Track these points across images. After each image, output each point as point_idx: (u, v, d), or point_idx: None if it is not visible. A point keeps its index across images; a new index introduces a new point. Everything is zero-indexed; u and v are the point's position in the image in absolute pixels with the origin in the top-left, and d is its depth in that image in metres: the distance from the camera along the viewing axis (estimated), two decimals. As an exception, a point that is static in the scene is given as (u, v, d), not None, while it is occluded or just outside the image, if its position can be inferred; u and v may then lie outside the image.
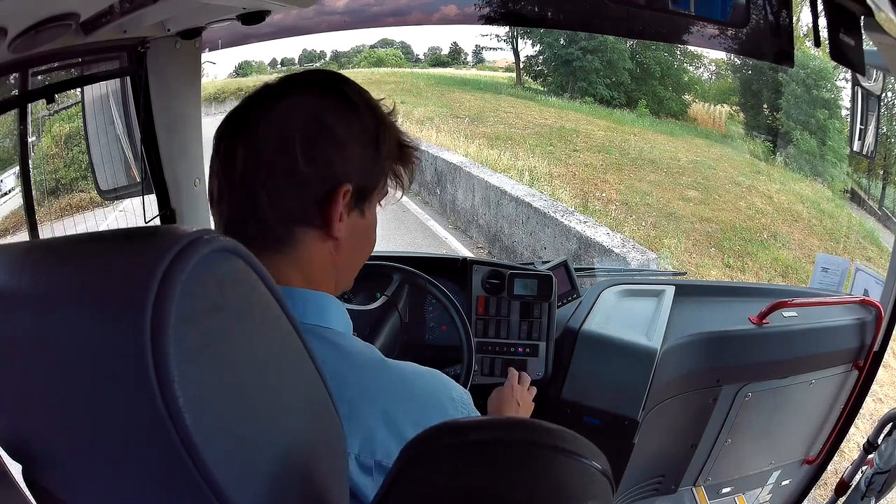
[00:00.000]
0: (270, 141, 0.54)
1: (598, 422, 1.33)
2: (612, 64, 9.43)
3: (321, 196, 0.54)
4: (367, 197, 0.58)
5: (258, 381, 0.28)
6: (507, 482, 0.28)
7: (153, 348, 0.24)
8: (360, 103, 0.57)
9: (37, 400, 0.27)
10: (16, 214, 3.13)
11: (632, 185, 7.21)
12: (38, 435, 0.28)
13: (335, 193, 0.54)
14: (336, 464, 0.35)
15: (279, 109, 0.55)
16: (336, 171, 0.55)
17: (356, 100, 0.57)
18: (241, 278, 0.29)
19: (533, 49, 10.37)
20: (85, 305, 0.25)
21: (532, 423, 0.30)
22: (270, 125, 0.54)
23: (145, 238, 0.27)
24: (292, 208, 0.54)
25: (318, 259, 0.56)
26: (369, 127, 0.57)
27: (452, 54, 11.31)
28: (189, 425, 0.24)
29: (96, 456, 0.27)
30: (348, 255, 0.59)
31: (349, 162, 0.55)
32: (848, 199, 6.95)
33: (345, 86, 0.58)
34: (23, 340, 0.26)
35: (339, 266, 0.59)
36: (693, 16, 0.94)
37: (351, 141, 0.56)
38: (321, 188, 0.54)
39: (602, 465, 0.30)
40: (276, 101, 0.55)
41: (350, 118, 0.56)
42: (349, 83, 0.59)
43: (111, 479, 0.27)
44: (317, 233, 0.55)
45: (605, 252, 4.62)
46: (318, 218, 0.55)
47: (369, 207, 0.59)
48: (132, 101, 1.33)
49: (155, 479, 0.26)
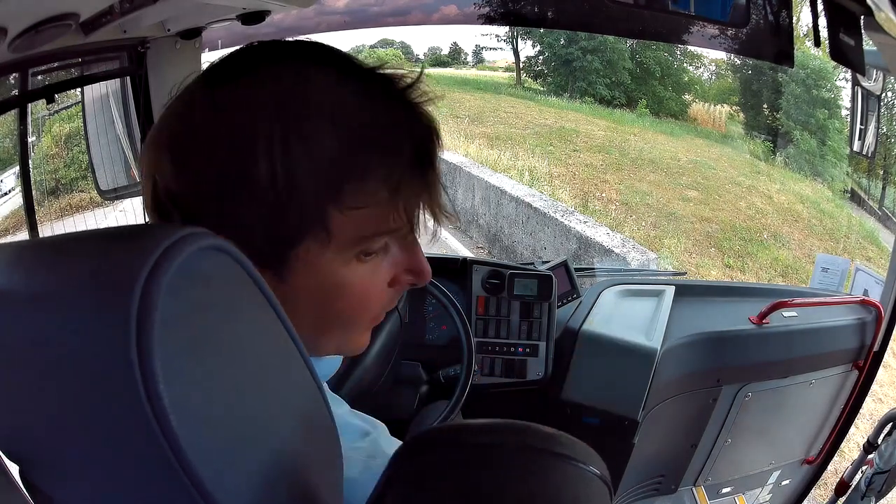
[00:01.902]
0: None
1: (597, 422, 1.33)
2: (612, 64, 9.43)
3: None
4: (276, 259, 0.40)
5: (247, 382, 0.28)
6: (500, 487, 0.27)
7: (138, 347, 0.23)
8: (204, 117, 0.39)
9: (27, 400, 0.27)
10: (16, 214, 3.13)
11: (632, 185, 7.21)
12: (30, 436, 0.28)
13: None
14: (329, 465, 0.35)
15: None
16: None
17: (199, 115, 0.39)
18: (229, 276, 0.28)
19: (533, 49, 10.38)
20: (72, 305, 0.25)
21: (527, 427, 0.29)
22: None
23: (132, 236, 0.27)
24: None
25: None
26: (220, 161, 0.39)
27: (452, 54, 11.30)
28: (174, 425, 0.24)
29: (85, 457, 0.27)
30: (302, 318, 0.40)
31: (202, 218, 0.39)
32: (848, 199, 6.95)
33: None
34: (15, 340, 0.26)
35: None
36: (693, 16, 0.94)
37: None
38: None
39: (600, 470, 0.29)
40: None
41: (194, 152, 0.39)
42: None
43: (100, 480, 0.27)
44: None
45: (605, 252, 4.62)
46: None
47: (297, 270, 0.40)
48: (132, 101, 1.33)
49: (142, 481, 0.26)
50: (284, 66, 0.40)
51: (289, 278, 0.40)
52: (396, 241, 0.43)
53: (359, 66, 0.42)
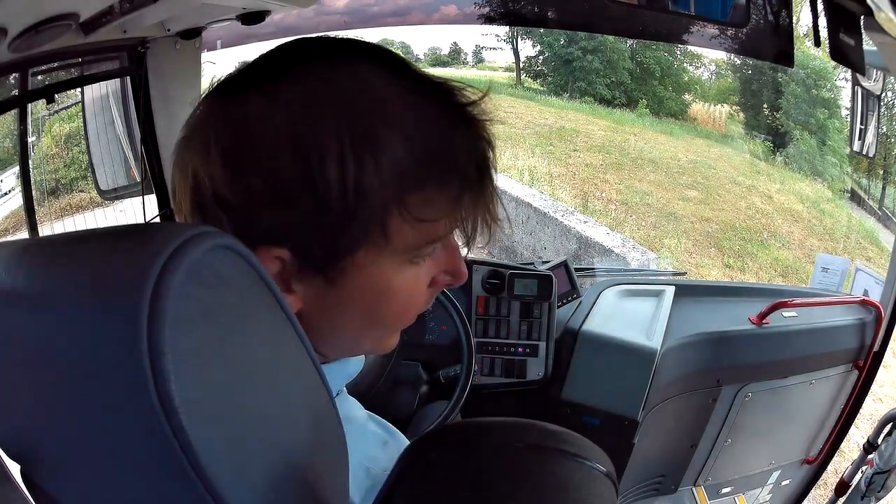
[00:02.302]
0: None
1: (597, 422, 1.33)
2: (612, 64, 9.42)
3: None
4: (330, 264, 0.39)
5: (256, 382, 0.28)
6: (508, 484, 0.27)
7: (149, 347, 0.23)
8: (266, 123, 0.37)
9: (31, 400, 0.27)
10: (16, 214, 3.13)
11: (632, 184, 7.20)
12: (33, 435, 0.28)
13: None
14: (336, 468, 0.35)
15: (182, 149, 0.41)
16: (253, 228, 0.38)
17: (257, 123, 0.37)
18: (240, 276, 0.28)
19: (533, 49, 10.37)
20: (80, 304, 0.25)
21: (533, 425, 0.30)
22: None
23: (141, 235, 0.27)
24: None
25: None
26: (285, 169, 0.36)
27: (452, 54, 11.28)
28: (185, 426, 0.24)
29: (91, 457, 0.27)
30: (320, 330, 0.41)
31: (259, 222, 0.37)
32: (848, 199, 6.95)
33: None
34: (19, 339, 0.26)
35: (312, 341, 0.38)
36: (693, 16, 0.94)
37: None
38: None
39: (606, 468, 0.30)
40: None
41: (247, 158, 0.37)
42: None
43: (106, 480, 0.27)
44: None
45: (605, 252, 4.62)
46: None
47: (347, 274, 0.39)
48: (132, 101, 1.33)
49: (150, 480, 0.26)
50: (340, 64, 0.38)
51: (340, 283, 0.39)
52: (442, 244, 0.43)
53: (424, 76, 0.40)
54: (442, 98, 0.39)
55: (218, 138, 0.37)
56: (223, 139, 0.37)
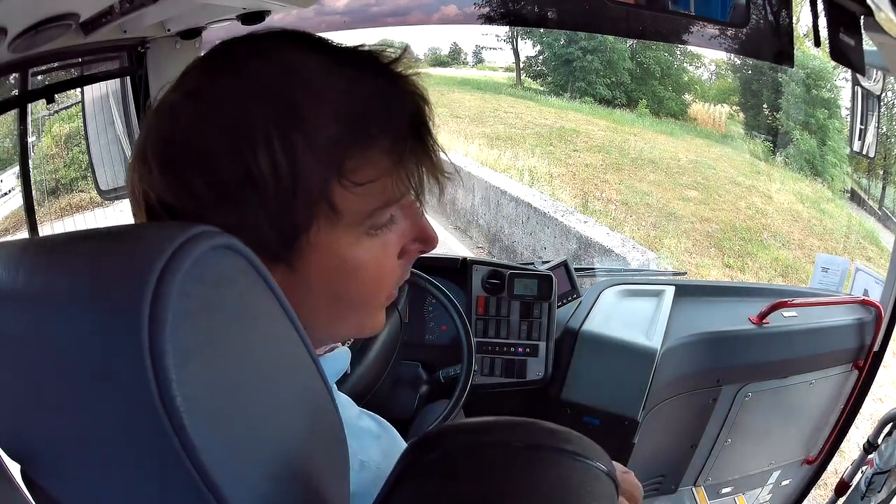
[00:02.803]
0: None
1: (597, 422, 1.33)
2: (612, 64, 9.42)
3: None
4: (286, 249, 0.39)
5: (257, 380, 0.28)
6: (510, 484, 0.27)
7: (150, 347, 0.23)
8: (191, 123, 0.38)
9: (32, 399, 0.27)
10: (16, 214, 3.13)
11: (632, 185, 7.21)
12: (34, 435, 0.28)
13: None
14: (337, 464, 0.35)
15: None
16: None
17: (184, 123, 0.38)
18: (240, 275, 0.28)
19: (533, 49, 10.37)
20: (81, 304, 0.25)
21: (535, 425, 0.30)
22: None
23: (142, 235, 0.27)
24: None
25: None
26: (223, 167, 0.37)
27: (452, 54, 11.29)
28: (187, 425, 0.24)
29: (92, 456, 0.27)
30: (303, 317, 0.36)
31: (208, 221, 0.36)
32: (848, 199, 6.95)
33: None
34: (18, 339, 0.26)
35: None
36: (693, 16, 0.94)
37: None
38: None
39: (607, 467, 0.30)
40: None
41: (181, 162, 0.38)
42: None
43: (107, 479, 0.27)
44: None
45: (605, 252, 4.63)
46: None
47: (307, 255, 0.40)
48: (132, 101, 1.33)
49: (151, 479, 0.26)
50: (272, 55, 0.39)
51: (301, 267, 0.40)
52: (402, 211, 0.43)
53: (343, 48, 0.41)
54: (364, 63, 0.40)
55: (154, 150, 0.38)
56: (158, 149, 0.38)
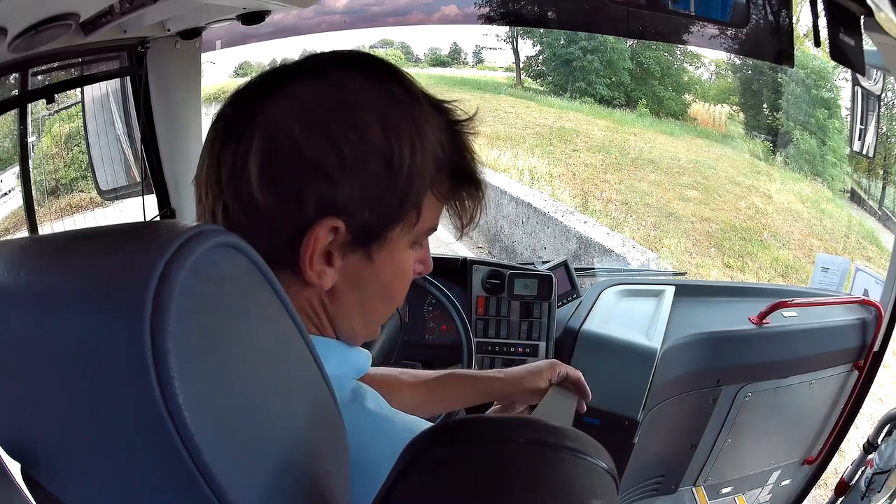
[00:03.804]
0: (228, 159, 0.42)
1: (597, 422, 1.33)
2: (612, 64, 9.42)
3: (290, 234, 0.41)
4: (377, 236, 0.44)
5: (260, 379, 0.28)
6: (511, 480, 0.28)
7: (153, 346, 0.23)
8: (359, 101, 0.43)
9: (34, 398, 0.27)
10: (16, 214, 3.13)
11: (632, 185, 7.20)
12: (35, 434, 0.28)
13: (309, 231, 0.41)
14: (339, 464, 0.35)
15: (258, 114, 0.42)
16: (308, 201, 0.41)
17: (352, 96, 0.43)
18: (242, 274, 0.28)
19: (533, 49, 10.36)
20: (83, 303, 0.25)
21: (536, 422, 0.30)
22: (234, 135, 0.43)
23: (145, 234, 0.27)
24: (263, 246, 0.33)
25: (304, 308, 0.45)
26: (376, 141, 0.42)
27: (452, 54, 11.28)
28: (189, 424, 0.24)
29: (94, 456, 0.27)
30: (349, 305, 0.46)
31: (336, 190, 0.41)
32: (848, 199, 6.95)
33: (345, 69, 0.44)
34: (20, 338, 0.26)
35: (338, 317, 0.46)
36: (693, 16, 0.94)
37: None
38: (288, 224, 0.41)
39: (607, 464, 0.30)
40: (259, 99, 0.43)
41: (336, 126, 0.42)
42: (365, 63, 0.45)
43: (109, 479, 0.27)
44: (293, 278, 0.42)
45: (605, 252, 4.63)
46: (293, 260, 0.42)
47: (382, 249, 0.45)
48: (132, 101, 1.33)
49: (154, 479, 0.26)
50: (387, 77, 0.46)
51: (376, 258, 0.45)
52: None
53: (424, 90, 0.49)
54: (446, 111, 0.48)
55: (309, 108, 0.42)
56: (316, 109, 0.42)
